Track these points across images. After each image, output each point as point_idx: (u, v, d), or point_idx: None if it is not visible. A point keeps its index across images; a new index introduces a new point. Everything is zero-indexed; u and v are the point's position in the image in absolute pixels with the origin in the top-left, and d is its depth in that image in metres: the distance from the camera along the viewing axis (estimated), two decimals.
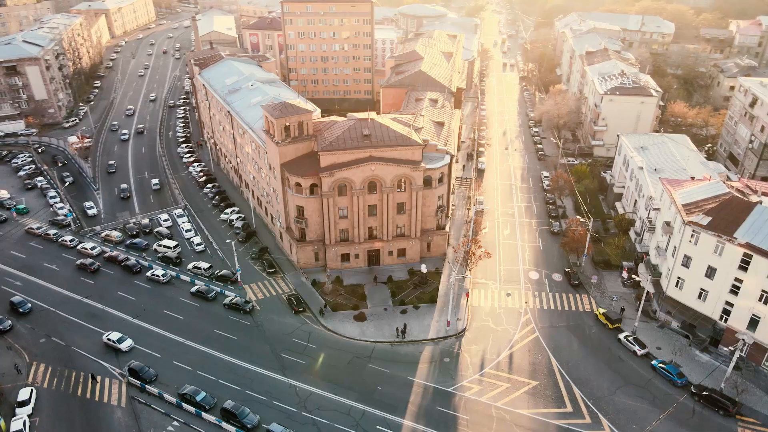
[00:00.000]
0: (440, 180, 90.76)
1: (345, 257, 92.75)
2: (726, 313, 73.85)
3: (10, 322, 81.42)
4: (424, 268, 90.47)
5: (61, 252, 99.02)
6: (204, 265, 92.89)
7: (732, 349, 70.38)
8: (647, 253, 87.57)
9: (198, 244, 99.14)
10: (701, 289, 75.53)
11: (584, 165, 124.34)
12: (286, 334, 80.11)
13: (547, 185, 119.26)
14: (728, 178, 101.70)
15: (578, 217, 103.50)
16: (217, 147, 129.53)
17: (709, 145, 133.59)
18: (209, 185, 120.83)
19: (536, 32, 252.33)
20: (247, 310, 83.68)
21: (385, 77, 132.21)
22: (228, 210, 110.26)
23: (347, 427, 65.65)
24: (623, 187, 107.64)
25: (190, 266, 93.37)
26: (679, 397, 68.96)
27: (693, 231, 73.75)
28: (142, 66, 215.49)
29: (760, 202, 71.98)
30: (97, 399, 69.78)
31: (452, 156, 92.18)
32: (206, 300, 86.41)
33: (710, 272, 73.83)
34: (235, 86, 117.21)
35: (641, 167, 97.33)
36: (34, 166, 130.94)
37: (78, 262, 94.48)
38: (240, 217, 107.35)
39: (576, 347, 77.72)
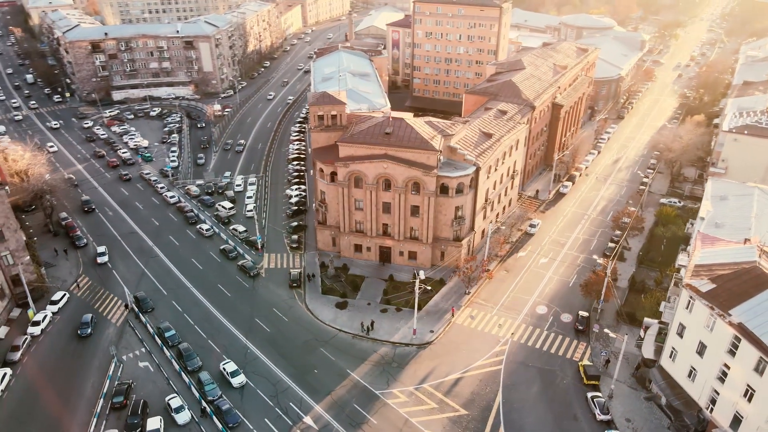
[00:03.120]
0: (459, 189, 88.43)
1: (358, 248, 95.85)
2: (713, 402, 61.24)
3: (86, 240, 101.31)
4: (422, 274, 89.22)
5: (152, 195, 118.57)
6: (241, 228, 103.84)
7: None
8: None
9: (249, 210, 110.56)
10: (691, 366, 63.61)
11: (673, 208, 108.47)
12: (270, 303, 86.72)
13: (624, 221, 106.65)
14: None
15: (597, 257, 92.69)
16: None
17: None
18: (294, 162, 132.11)
19: (724, 55, 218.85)
20: (252, 274, 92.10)
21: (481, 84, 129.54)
22: (293, 187, 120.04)
23: (265, 395, 70.18)
24: None
25: (231, 227, 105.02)
26: None
27: (690, 296, 62.36)
28: (313, 51, 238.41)
29: None
30: (104, 314, 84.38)
31: (478, 168, 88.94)
32: (227, 258, 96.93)
33: (701, 349, 61.87)
34: (328, 75, 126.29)
35: (702, 218, 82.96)
36: (177, 125, 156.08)
37: (118, 174, 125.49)
38: (299, 194, 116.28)
39: (533, 392, 71.06)
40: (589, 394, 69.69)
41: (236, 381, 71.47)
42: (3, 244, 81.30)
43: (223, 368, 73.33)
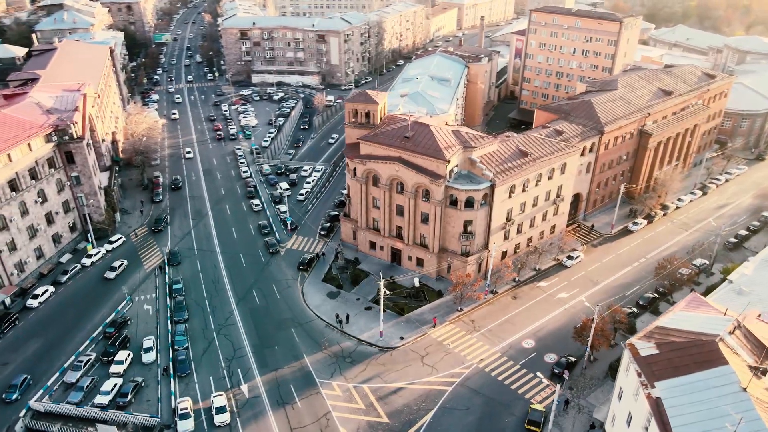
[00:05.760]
0: (469, 203, 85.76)
1: (372, 245, 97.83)
2: None
3: (161, 197, 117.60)
4: (417, 282, 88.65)
5: (233, 168, 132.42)
6: (283, 208, 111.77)
7: None
8: None
9: (300, 194, 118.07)
10: None
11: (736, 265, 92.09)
12: (274, 279, 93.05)
13: (684, 272, 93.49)
14: None
15: (586, 301, 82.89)
16: None
17: None
18: None
19: None
20: (272, 251, 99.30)
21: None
22: None
23: (223, 357, 76.65)
24: None
25: (278, 207, 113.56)
26: None
27: (629, 358, 54.83)
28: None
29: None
30: (143, 263, 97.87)
31: (493, 184, 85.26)
32: (261, 234, 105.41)
33: (630, 419, 54.13)
34: (410, 77, 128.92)
35: (731, 281, 70.45)
36: (288, 110, 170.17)
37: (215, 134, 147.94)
38: None
39: (467, 421, 67.55)
40: None
41: (219, 419, 65.08)
42: (79, 188, 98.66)
43: (212, 400, 67.59)
